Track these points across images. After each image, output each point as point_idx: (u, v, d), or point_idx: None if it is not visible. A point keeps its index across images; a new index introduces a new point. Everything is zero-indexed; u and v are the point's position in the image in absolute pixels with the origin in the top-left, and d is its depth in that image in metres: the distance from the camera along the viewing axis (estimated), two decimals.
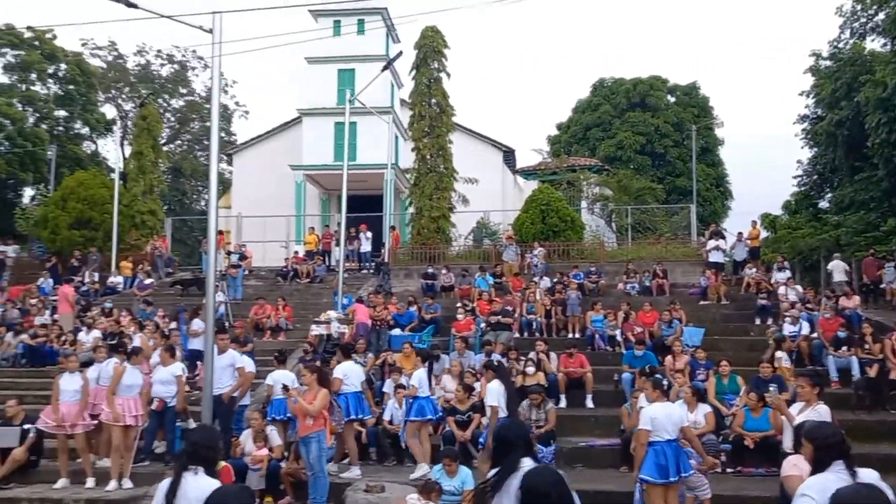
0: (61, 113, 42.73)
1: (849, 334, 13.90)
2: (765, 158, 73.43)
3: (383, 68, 22.70)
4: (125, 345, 11.79)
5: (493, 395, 9.85)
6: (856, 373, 13.03)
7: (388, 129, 26.15)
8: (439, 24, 27.05)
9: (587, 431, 11.94)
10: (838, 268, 20.25)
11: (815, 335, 14.53)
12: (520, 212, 25.97)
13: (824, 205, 32.33)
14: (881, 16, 28.32)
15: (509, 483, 3.82)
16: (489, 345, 14.47)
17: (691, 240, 26.51)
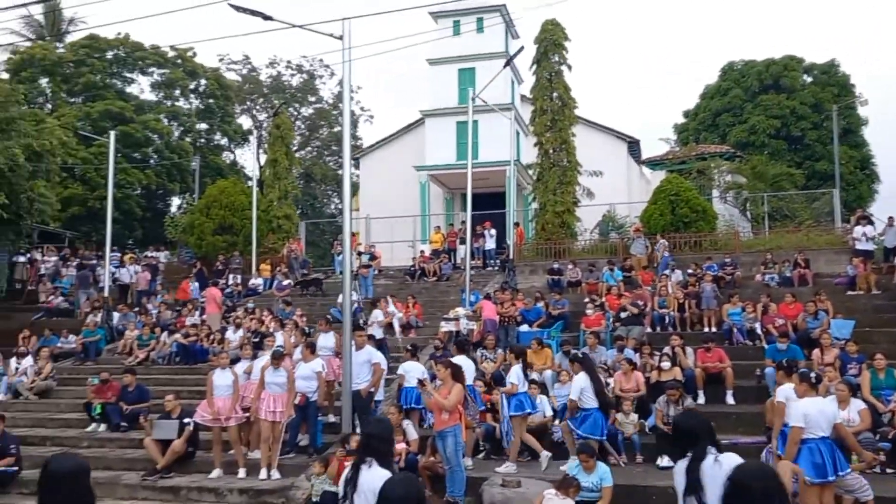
0: (202, 126, 45.50)
1: None
2: None
3: (505, 65, 22.74)
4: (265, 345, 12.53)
5: (575, 388, 10.44)
6: None
7: (509, 126, 26.13)
8: (559, 16, 26.80)
9: (729, 429, 11.38)
10: None
11: None
12: (648, 203, 25.29)
13: None
14: None
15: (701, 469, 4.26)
16: (621, 339, 14.19)
17: (835, 227, 25.07)
